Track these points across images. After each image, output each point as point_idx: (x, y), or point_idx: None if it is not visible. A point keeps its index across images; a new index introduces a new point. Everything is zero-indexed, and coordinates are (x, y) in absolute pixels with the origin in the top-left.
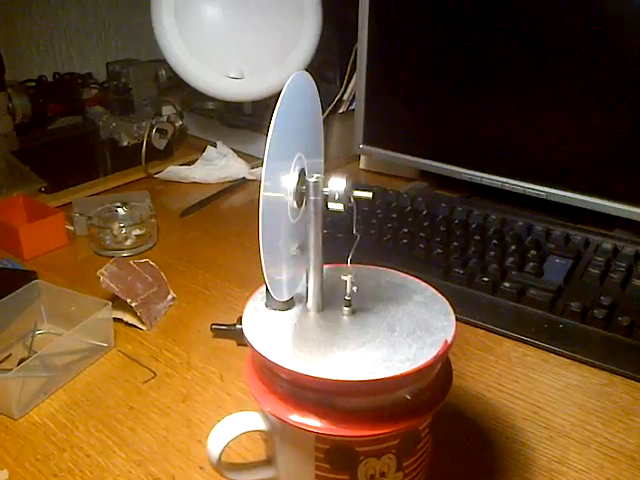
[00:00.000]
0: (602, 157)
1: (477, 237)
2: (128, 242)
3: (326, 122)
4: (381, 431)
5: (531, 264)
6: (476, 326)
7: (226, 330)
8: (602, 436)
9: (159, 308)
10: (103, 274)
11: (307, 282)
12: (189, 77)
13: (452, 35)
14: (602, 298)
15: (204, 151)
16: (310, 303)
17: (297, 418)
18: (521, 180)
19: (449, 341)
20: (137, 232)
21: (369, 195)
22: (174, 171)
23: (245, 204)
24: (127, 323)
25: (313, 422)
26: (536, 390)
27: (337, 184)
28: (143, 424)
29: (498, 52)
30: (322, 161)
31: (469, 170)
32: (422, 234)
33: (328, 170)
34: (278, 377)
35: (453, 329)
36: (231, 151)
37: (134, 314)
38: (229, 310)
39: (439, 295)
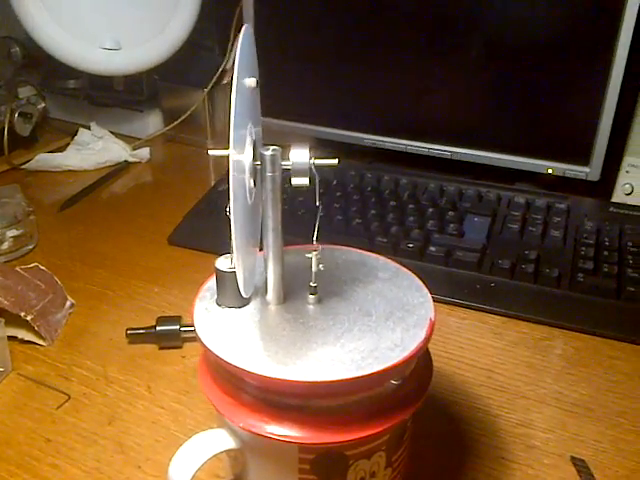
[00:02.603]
0: (499, 114)
1: (393, 203)
2: (5, 245)
3: (210, 94)
4: (374, 430)
5: (451, 225)
6: None
7: (145, 334)
8: (556, 391)
9: (58, 318)
10: None
11: (266, 271)
12: (57, 51)
13: None
14: (527, 252)
15: (76, 134)
16: (270, 295)
17: (276, 430)
18: (425, 141)
19: (433, 319)
20: (14, 233)
21: (334, 162)
22: (44, 159)
23: (131, 189)
24: (23, 340)
25: (296, 432)
26: (482, 353)
27: (300, 156)
28: (67, 457)
29: (389, 14)
30: (261, 129)
31: (372, 135)
32: (337, 205)
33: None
34: (248, 386)
35: (431, 305)
36: (107, 132)
37: (30, 329)
38: (140, 310)
39: (404, 269)
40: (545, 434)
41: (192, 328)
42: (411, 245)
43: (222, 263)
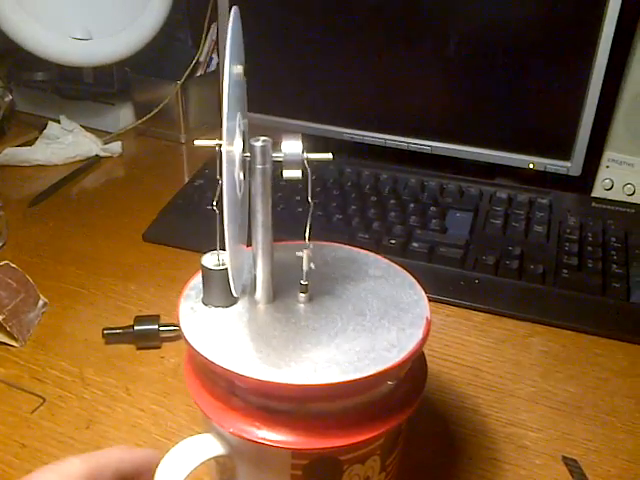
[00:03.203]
0: (480, 108)
1: (374, 198)
2: None
3: (183, 87)
4: (370, 434)
5: (434, 221)
6: None
7: (122, 334)
8: (545, 389)
9: (31, 318)
10: None
11: (255, 268)
12: (25, 41)
13: None
14: (510, 248)
15: (45, 128)
16: (259, 293)
17: (269, 435)
18: (404, 136)
19: (429, 317)
20: None
21: (328, 156)
22: (12, 154)
23: (103, 185)
24: None
25: (289, 437)
26: (468, 351)
27: (292, 147)
28: (43, 464)
29: (368, 7)
30: (247, 121)
31: (351, 129)
32: (316, 200)
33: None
34: (238, 389)
35: (426, 303)
36: (78, 126)
37: (1, 329)
38: (117, 309)
39: (396, 266)
40: (535, 433)
41: (171, 327)
42: (394, 241)
43: (209, 260)
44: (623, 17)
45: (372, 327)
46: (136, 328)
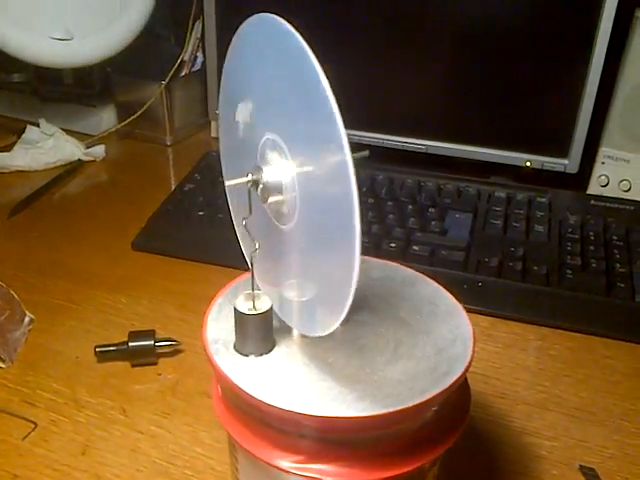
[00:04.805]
0: (477, 106)
1: (371, 200)
2: None
3: (168, 87)
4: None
5: (433, 223)
6: None
7: (116, 351)
8: (556, 395)
9: (17, 336)
10: None
11: None
12: (1, 41)
13: None
14: (512, 249)
15: (23, 132)
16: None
17: (358, 473)
18: (399, 135)
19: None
20: None
21: (365, 153)
22: None
23: (87, 191)
24: None
25: (378, 468)
26: (477, 357)
27: None
28: None
29: (362, 7)
30: None
31: (346, 129)
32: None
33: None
34: (312, 431)
35: (452, 298)
36: (58, 129)
37: None
38: (108, 324)
39: (390, 263)
40: (550, 442)
41: (168, 343)
42: (393, 245)
43: (243, 305)
44: (619, 14)
45: (425, 330)
46: (130, 344)
